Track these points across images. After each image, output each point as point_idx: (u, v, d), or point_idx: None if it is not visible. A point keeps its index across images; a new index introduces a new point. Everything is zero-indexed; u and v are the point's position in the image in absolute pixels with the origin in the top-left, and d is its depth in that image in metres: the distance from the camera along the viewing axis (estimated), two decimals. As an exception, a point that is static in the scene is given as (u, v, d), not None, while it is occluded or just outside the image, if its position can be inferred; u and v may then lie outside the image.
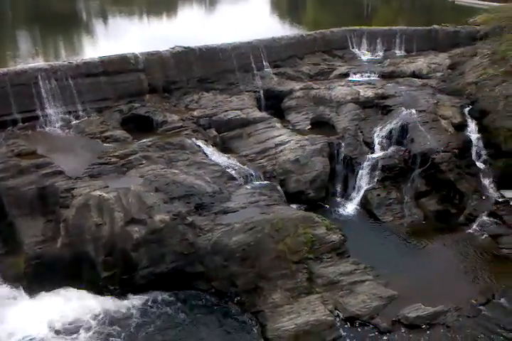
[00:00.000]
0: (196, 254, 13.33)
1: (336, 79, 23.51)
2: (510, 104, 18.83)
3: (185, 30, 29.19)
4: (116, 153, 16.04)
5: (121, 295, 12.84)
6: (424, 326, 11.91)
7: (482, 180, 17.13)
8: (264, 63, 23.47)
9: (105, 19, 36.27)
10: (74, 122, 17.97)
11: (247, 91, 21.60)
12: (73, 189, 14.10)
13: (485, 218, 15.70)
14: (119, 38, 28.56)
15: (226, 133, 19.06)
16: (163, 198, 14.34)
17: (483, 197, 16.49)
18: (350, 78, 23.43)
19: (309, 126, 20.09)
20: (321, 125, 20.08)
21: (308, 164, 17.62)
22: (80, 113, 18.34)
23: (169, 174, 15.34)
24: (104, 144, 16.89)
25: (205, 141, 17.97)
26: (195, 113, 19.55)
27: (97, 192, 13.76)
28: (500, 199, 16.37)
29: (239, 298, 12.81)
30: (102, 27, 33.46)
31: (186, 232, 13.64)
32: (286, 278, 13.08)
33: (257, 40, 23.79)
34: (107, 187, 14.11)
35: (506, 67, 20.44)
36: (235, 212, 14.54)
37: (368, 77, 23.57)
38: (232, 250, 13.22)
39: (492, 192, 16.79)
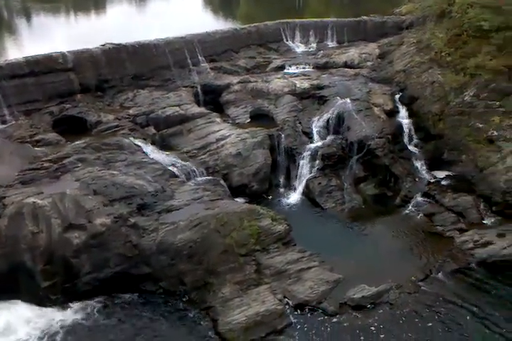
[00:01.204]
0: (141, 256, 13.05)
1: (272, 71, 23.76)
2: (436, 90, 19.90)
3: (116, 27, 28.37)
4: (49, 158, 15.34)
5: (64, 303, 12.33)
6: (369, 306, 12.42)
7: (414, 162, 18.02)
8: (200, 58, 23.26)
9: (29, 17, 34.36)
10: (0, 127, 16.97)
11: (184, 87, 21.33)
12: (4, 198, 13.38)
13: (419, 199, 16.56)
14: (45, 37, 27.21)
15: (165, 131, 18.74)
16: (103, 201, 13.90)
17: (417, 179, 17.37)
18: (286, 70, 23.78)
19: (249, 120, 20.17)
20: (260, 118, 20.24)
21: (250, 157, 17.73)
22: (7, 117, 17.35)
23: (108, 175, 14.87)
24: (36, 148, 16.09)
25: (144, 139, 17.57)
26: (131, 111, 19.05)
27: (31, 199, 13.10)
28: (432, 180, 17.29)
29: (189, 296, 12.71)
30: (26, 26, 31.71)
31: (129, 234, 13.32)
32: (235, 271, 13.15)
33: (190, 34, 23.51)
34: (41, 193, 13.47)
35: (431, 54, 21.55)
36: (179, 209, 14.39)
37: (303, 68, 24.03)
38: (179, 248, 13.09)
39: (424, 173, 17.71)
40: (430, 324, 11.94)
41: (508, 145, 16.75)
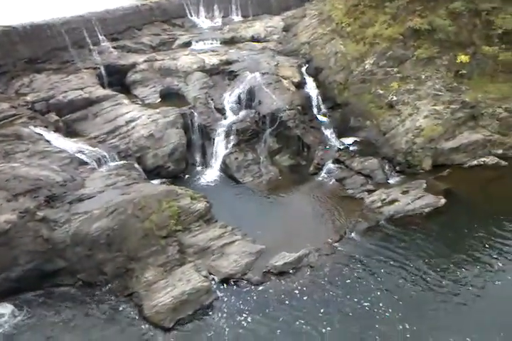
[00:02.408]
0: (54, 250, 12.40)
1: (179, 48, 23.08)
2: (339, 60, 20.63)
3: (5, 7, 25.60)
4: None
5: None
6: (291, 271, 12.94)
7: (324, 131, 18.74)
8: (100, 37, 21.93)
9: None
10: None
11: (85, 69, 20.06)
12: None
13: (331, 165, 17.30)
14: None
15: (69, 116, 17.63)
16: (6, 196, 12.91)
17: (327, 147, 18.08)
18: (193, 47, 23.24)
19: (159, 99, 19.61)
20: (171, 96, 19.74)
21: (163, 138, 17.32)
22: None
23: (8, 169, 13.78)
24: None
25: (46, 127, 16.42)
26: (28, 98, 17.62)
27: None
28: (341, 147, 18.12)
29: (110, 285, 12.38)
30: None
31: (39, 229, 12.56)
32: (157, 254, 12.99)
33: (89, 12, 21.99)
34: None
35: (332, 26, 22.18)
36: (91, 198, 13.78)
37: (211, 44, 23.63)
38: (95, 238, 12.60)
39: (334, 141, 18.50)
40: (348, 280, 12.73)
41: (407, 108, 17.95)
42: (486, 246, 13.38)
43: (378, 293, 12.23)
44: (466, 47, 18.86)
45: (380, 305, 11.89)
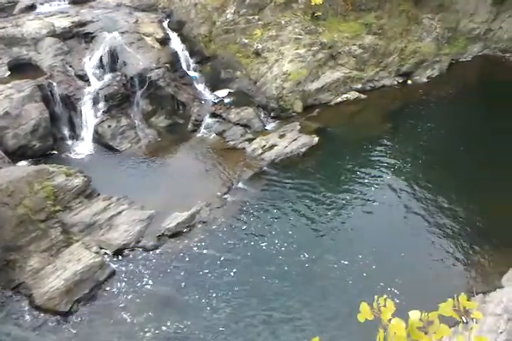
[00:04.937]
0: None
1: (21, 13, 20.41)
2: (200, 12, 19.97)
3: None
4: None
5: None
6: (185, 230, 13.00)
7: (197, 86, 18.37)
8: None
9: None
10: None
11: None
12: None
13: (208, 120, 17.18)
14: None
15: None
16: None
17: (203, 102, 17.83)
18: (38, 10, 20.67)
19: (8, 72, 17.36)
20: (22, 68, 17.56)
21: (21, 114, 15.61)
22: None
23: None
24: None
25: None
26: None
27: None
28: (216, 100, 18.00)
29: (-9, 280, 11.38)
30: None
31: None
32: (39, 239, 12.10)
33: None
34: None
35: (187, -24, 21.22)
36: None
37: (58, 5, 21.21)
38: (-40, 234, 11.32)
39: (208, 95, 18.28)
40: (244, 227, 13.21)
41: (272, 55, 18.23)
42: (358, 173, 14.69)
43: (273, 233, 12.92)
44: (319, -11, 19.38)
45: (276, 242, 12.60)
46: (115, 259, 12.18)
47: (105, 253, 12.24)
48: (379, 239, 12.51)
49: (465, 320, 3.03)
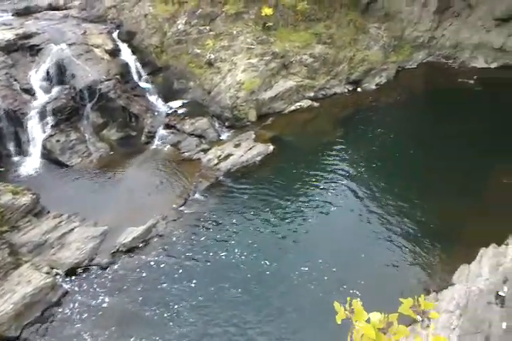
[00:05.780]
0: None
1: (-39, 25, 19.60)
2: (151, 22, 19.82)
3: None
4: None
5: None
6: (141, 245, 12.66)
7: (149, 98, 18.12)
8: None
9: None
10: None
11: None
12: None
13: (162, 131, 16.96)
14: None
15: None
16: None
17: (156, 113, 17.62)
18: (-21, 22, 19.89)
19: None
20: (-38, 83, 16.80)
21: (-38, 132, 14.88)
22: None
23: None
24: None
25: None
26: None
27: None
28: (169, 111, 17.81)
29: None
30: None
31: None
32: (-16, 264, 11.43)
33: None
34: None
35: (136, -14, 21.03)
36: None
37: (1, 17, 20.51)
38: None
39: (161, 106, 18.07)
40: (202, 238, 12.99)
41: (225, 65, 18.29)
42: (314, 179, 14.86)
43: (232, 242, 12.79)
44: (269, 0, 19.71)
45: (236, 251, 12.48)
46: (68, 279, 11.66)
47: (57, 274, 11.70)
48: (338, 242, 12.66)
49: (421, 319, 3.10)
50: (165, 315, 10.97)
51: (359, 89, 19.72)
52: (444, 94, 18.88)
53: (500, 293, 9.77)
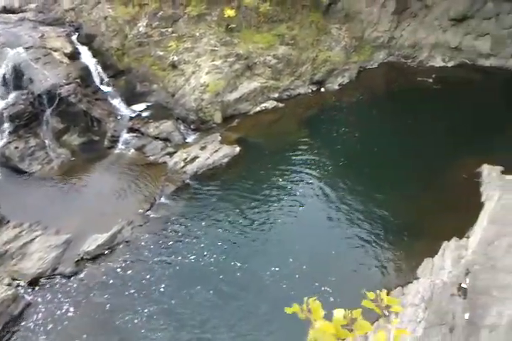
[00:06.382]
0: None
1: None
2: (111, 25, 19.45)
3: None
4: None
5: None
6: (106, 252, 12.37)
7: (112, 101, 17.75)
8: None
9: None
10: None
11: None
12: None
13: (126, 135, 16.63)
14: None
15: None
16: None
17: (119, 117, 17.27)
18: None
19: None
20: None
21: None
22: None
23: None
24: None
25: None
26: None
27: None
28: (133, 115, 17.51)
29: None
30: None
31: None
32: None
33: None
34: None
35: (95, -12, 20.60)
36: None
37: (-49, 20, 19.68)
38: None
39: (124, 110, 17.73)
40: (170, 242, 12.83)
41: (189, 67, 18.15)
42: (281, 179, 14.94)
43: (201, 245, 12.68)
44: (231, 1, 19.70)
45: (205, 254, 12.38)
46: (30, 290, 11.27)
47: (18, 285, 11.30)
48: (307, 241, 12.75)
49: (386, 314, 3.13)
50: (135, 321, 10.78)
51: (323, 90, 19.96)
52: (404, 92, 19.37)
53: (462, 285, 10.08)
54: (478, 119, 17.27)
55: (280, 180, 14.95)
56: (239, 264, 12.15)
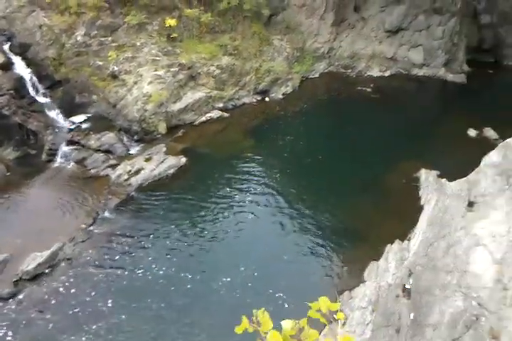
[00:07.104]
0: None
1: None
2: (46, 34, 18.64)
3: None
4: None
5: None
6: (47, 271, 11.75)
7: (49, 113, 16.97)
8: None
9: None
10: None
11: None
12: None
13: (65, 148, 15.95)
14: None
15: None
16: None
17: (57, 130, 16.54)
18: None
19: None
20: None
21: None
22: None
23: None
24: None
25: None
26: None
27: None
28: (72, 127, 16.83)
29: None
30: None
31: None
32: None
33: None
34: None
35: (28, -4, 19.72)
36: None
37: None
38: None
39: (62, 122, 17.00)
40: (116, 257, 12.37)
41: (130, 77, 17.75)
42: (229, 188, 14.89)
43: (149, 258, 12.37)
44: (172, 11, 19.60)
45: (154, 267, 12.09)
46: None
47: None
48: (257, 249, 12.78)
49: (331, 321, 3.15)
50: (83, 339, 10.26)
51: (267, 99, 20.25)
52: (345, 101, 20.07)
53: (406, 286, 10.46)
54: (414, 125, 18.20)
55: (228, 189, 14.89)
56: (190, 276, 11.93)
